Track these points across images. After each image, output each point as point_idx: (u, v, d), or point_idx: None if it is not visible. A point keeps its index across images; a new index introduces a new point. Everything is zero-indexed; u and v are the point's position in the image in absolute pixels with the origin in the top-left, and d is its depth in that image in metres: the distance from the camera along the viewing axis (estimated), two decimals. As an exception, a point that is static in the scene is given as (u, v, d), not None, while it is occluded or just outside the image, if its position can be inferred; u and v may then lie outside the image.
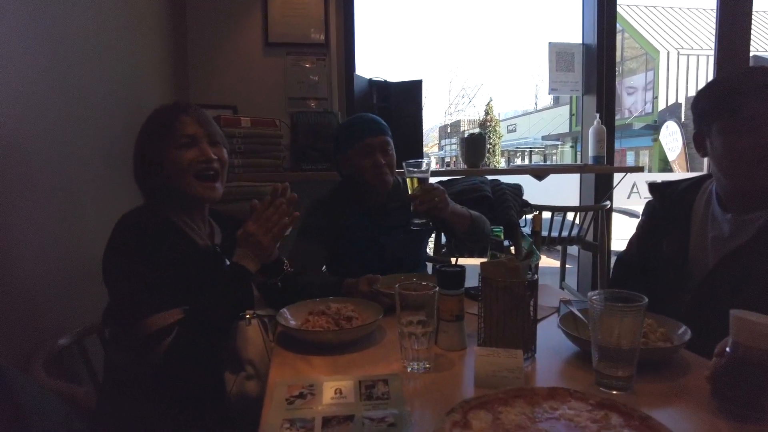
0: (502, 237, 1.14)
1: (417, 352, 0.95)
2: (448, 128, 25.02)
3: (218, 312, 1.12)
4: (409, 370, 0.95)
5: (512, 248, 1.16)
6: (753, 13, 3.15)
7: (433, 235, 2.54)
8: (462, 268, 1.05)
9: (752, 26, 3.23)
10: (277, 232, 1.20)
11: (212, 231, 1.34)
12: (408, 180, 1.47)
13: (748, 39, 3.25)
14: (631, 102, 21.62)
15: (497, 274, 0.98)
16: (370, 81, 2.54)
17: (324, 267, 1.74)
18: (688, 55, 19.75)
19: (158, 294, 1.08)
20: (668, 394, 0.84)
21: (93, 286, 1.22)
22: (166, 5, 2.29)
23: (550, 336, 1.09)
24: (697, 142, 1.25)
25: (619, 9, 3.15)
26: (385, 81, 2.57)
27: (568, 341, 1.04)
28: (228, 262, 1.23)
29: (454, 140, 24.66)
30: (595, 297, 0.87)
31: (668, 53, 20.07)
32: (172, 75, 2.35)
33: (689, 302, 1.19)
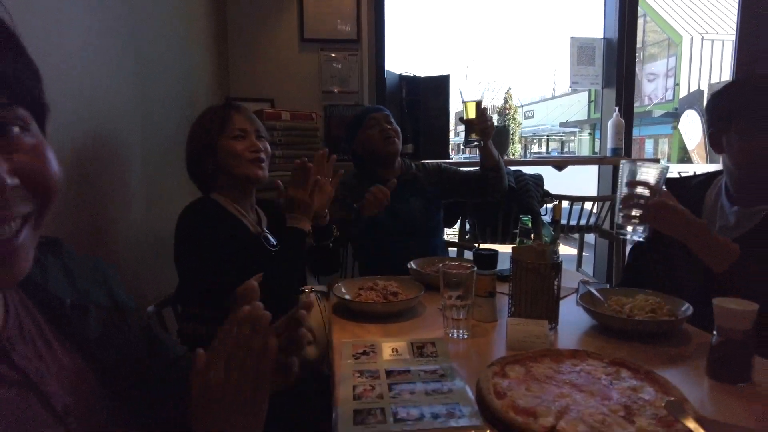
0: (530, 225, 1.31)
1: (457, 322, 1.13)
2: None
3: (288, 271, 1.32)
4: (450, 336, 1.13)
5: (534, 236, 1.33)
6: None
7: (458, 224, 2.71)
8: (495, 252, 1.22)
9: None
10: (315, 189, 1.40)
11: (259, 218, 1.54)
12: (464, 105, 1.82)
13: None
14: (652, 89, 21.29)
15: (527, 257, 1.15)
16: (401, 76, 2.69)
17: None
18: (713, 41, 19.35)
19: (235, 267, 1.27)
20: (671, 358, 1.01)
21: (170, 262, 1.42)
22: (209, 7, 2.45)
23: (569, 312, 1.26)
24: (714, 139, 1.37)
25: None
26: (414, 76, 2.72)
27: (585, 317, 1.21)
28: (274, 244, 1.44)
29: (470, 126, 24.50)
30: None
31: (692, 38, 19.67)
32: (216, 71, 2.53)
33: (703, 281, 1.34)
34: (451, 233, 3.53)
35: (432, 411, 0.80)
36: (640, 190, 1.21)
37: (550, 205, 2.67)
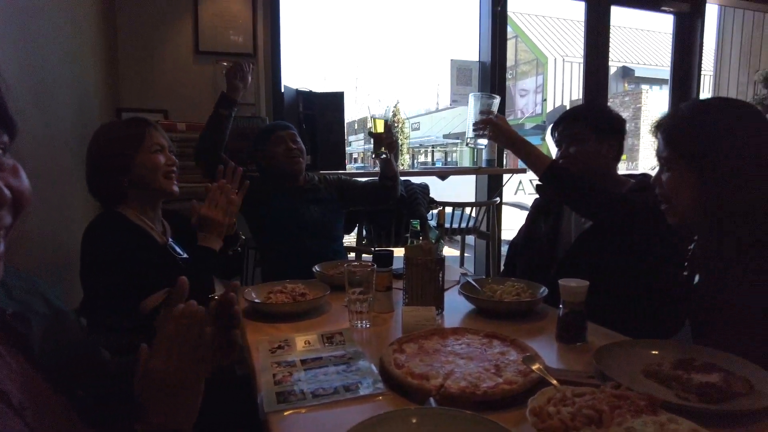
0: (419, 228, 1.51)
1: (360, 314, 1.28)
2: (356, 124, 25.52)
3: (197, 286, 1.36)
4: (355, 326, 1.28)
5: (422, 237, 1.54)
6: (627, 29, 3.87)
7: (355, 230, 2.89)
8: (391, 252, 1.41)
9: (628, 41, 3.94)
10: (228, 208, 1.47)
11: (164, 229, 1.58)
12: (373, 121, 2.04)
13: (606, 50, 3.96)
14: (524, 103, 23.50)
15: (416, 254, 1.35)
16: (297, 91, 2.81)
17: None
18: (572, 62, 21.92)
19: (142, 282, 1.31)
20: (532, 329, 1.26)
21: (73, 275, 1.41)
22: (98, 17, 2.38)
23: (453, 300, 1.48)
24: None
25: (512, 16, 3.70)
26: (311, 91, 2.85)
27: (466, 302, 1.44)
28: (182, 254, 1.50)
29: (361, 136, 25.24)
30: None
31: (555, 59, 22.13)
32: (105, 81, 2.45)
33: (557, 268, 1.64)
34: (349, 239, 3.70)
35: (344, 385, 0.94)
36: (485, 115, 1.65)
37: (435, 211, 2.96)
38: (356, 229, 2.92)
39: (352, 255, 2.77)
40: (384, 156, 2.09)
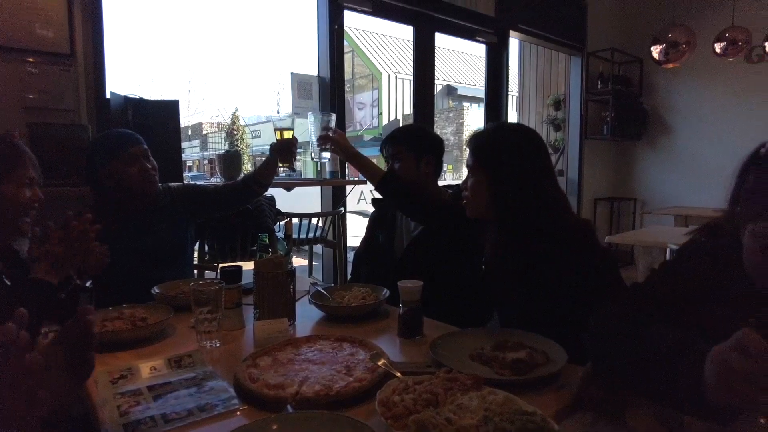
0: (268, 241, 1.53)
1: (209, 334, 1.26)
2: (189, 130, 23.95)
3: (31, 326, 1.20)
4: (204, 347, 1.25)
5: (272, 250, 1.56)
6: (451, 51, 4.28)
7: (197, 244, 2.75)
8: (240, 267, 1.40)
9: (452, 62, 4.36)
10: (81, 250, 1.34)
11: None
12: (279, 133, 1.96)
13: (433, 70, 4.39)
14: (362, 116, 24.55)
15: (267, 268, 1.37)
16: (126, 98, 2.58)
17: None
18: (404, 79, 23.57)
19: None
20: (377, 329, 1.37)
21: None
22: None
23: (305, 309, 1.53)
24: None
25: (348, 31, 3.86)
26: (141, 99, 2.64)
27: (317, 310, 1.50)
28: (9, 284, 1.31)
29: (195, 143, 23.76)
30: None
31: (389, 76, 23.56)
32: None
33: (394, 272, 1.80)
34: (189, 256, 3.50)
35: (198, 406, 0.93)
36: (326, 131, 1.81)
37: (283, 222, 2.97)
38: (197, 244, 2.78)
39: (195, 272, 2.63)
40: (288, 168, 1.98)
